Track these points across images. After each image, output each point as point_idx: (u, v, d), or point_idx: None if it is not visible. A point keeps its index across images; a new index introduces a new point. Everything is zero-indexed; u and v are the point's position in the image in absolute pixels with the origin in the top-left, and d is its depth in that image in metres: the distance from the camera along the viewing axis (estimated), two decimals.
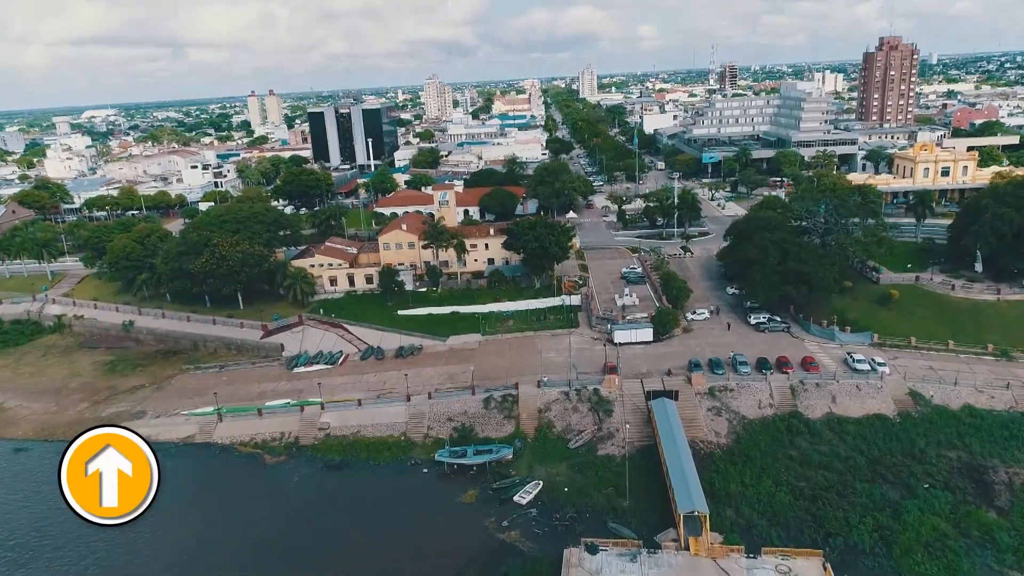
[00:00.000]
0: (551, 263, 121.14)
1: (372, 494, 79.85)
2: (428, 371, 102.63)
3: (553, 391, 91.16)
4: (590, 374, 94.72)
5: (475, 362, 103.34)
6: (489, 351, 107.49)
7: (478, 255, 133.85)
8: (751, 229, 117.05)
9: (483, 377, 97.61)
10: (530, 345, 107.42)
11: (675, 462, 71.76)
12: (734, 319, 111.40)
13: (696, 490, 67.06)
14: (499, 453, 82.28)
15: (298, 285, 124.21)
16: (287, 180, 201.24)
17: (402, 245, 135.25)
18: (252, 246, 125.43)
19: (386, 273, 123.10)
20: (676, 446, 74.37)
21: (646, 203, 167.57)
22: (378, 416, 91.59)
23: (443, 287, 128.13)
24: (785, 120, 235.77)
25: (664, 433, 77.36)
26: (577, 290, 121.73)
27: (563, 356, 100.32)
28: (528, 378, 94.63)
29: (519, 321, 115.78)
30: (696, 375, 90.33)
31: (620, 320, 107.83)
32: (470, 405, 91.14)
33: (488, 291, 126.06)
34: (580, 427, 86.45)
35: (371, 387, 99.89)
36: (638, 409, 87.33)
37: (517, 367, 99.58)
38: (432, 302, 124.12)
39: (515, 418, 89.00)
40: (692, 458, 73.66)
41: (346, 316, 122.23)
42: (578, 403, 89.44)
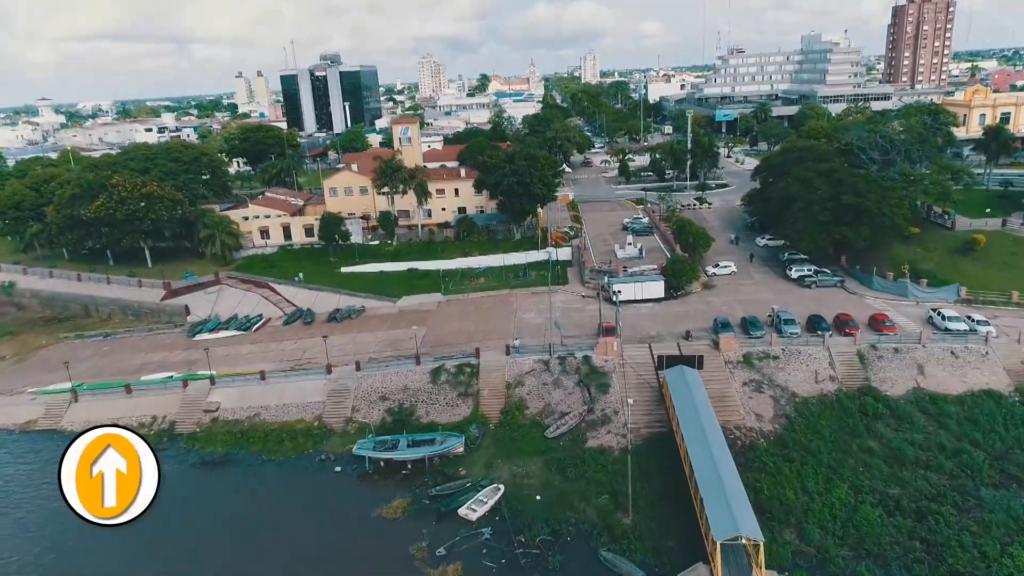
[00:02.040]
0: (534, 206, 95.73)
1: (251, 506, 54.59)
2: (366, 337, 77.51)
3: (527, 359, 65.91)
4: (580, 338, 69.46)
5: (429, 325, 78.16)
6: (449, 313, 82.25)
7: (446, 203, 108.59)
8: (789, 162, 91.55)
9: (436, 343, 72.45)
10: (503, 305, 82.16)
11: (704, 459, 46.57)
12: (768, 274, 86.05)
13: (740, 503, 41.89)
14: (445, 445, 57.15)
15: (218, 237, 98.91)
16: (241, 137, 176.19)
17: (352, 190, 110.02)
18: (162, 188, 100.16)
19: (328, 222, 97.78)
20: (704, 434, 49.09)
21: (653, 155, 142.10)
22: (287, 394, 66.40)
23: (401, 240, 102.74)
24: (808, 75, 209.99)
25: (685, 415, 52.02)
26: (567, 242, 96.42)
27: (544, 317, 75.10)
28: (495, 343, 69.44)
29: (493, 278, 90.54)
30: (726, 337, 64.96)
31: (621, 273, 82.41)
32: (412, 379, 65.90)
33: (456, 244, 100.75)
34: (563, 408, 61.23)
35: (287, 357, 74.79)
36: (645, 384, 61.99)
37: (483, 331, 74.35)
38: (385, 257, 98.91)
39: (473, 396, 63.80)
40: (729, 452, 48.38)
41: (277, 274, 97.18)
42: (561, 375, 64.14)
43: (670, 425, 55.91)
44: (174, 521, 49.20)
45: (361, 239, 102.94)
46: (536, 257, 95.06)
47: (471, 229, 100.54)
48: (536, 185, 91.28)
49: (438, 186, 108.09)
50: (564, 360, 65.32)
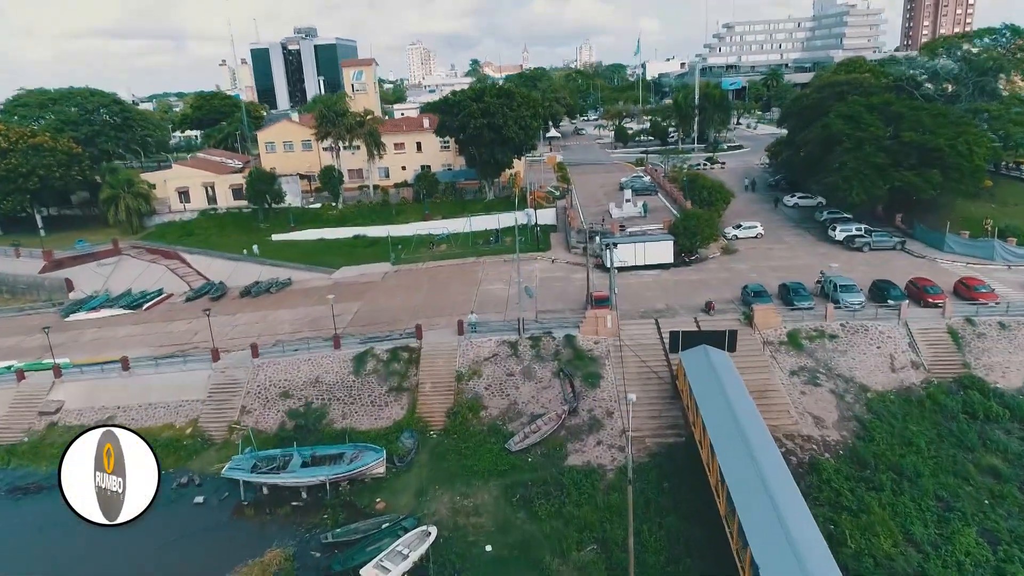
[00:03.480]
0: (509, 157, 77.11)
1: (65, 554, 35.92)
2: (283, 315, 59.05)
3: (487, 340, 47.53)
4: (562, 313, 51.20)
5: (367, 299, 59.79)
6: (395, 285, 63.80)
7: (407, 160, 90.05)
8: (827, 99, 73.20)
9: (371, 321, 54.08)
10: (465, 275, 63.76)
11: (749, 485, 28.37)
12: (802, 237, 67.93)
13: (817, 562, 23.69)
14: (358, 463, 38.73)
15: (122, 198, 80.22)
16: (196, 106, 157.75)
17: (293, 145, 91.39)
18: (55, 141, 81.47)
19: (256, 180, 79.12)
20: (747, 446, 30.77)
21: (653, 118, 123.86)
22: (155, 389, 47.91)
23: (348, 203, 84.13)
24: (823, 42, 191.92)
25: (715, 417, 33.62)
26: (551, 202, 78.00)
27: (515, 289, 56.76)
28: (446, 320, 51.11)
29: (457, 245, 72.22)
30: (763, 309, 46.71)
31: (617, 233, 64.06)
32: (328, 368, 47.44)
33: (414, 206, 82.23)
34: (535, 408, 42.91)
35: (174, 340, 56.26)
36: (651, 373, 43.67)
37: (434, 306, 55.97)
38: (328, 222, 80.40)
39: (409, 392, 45.40)
40: (791, 475, 30.06)
41: (195, 243, 78.66)
42: (534, 362, 45.76)
43: (689, 433, 37.67)
44: None
45: (300, 202, 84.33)
46: (512, 220, 76.58)
47: (433, 188, 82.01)
48: (511, 128, 72.73)
49: (396, 139, 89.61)
50: (538, 341, 46.97)
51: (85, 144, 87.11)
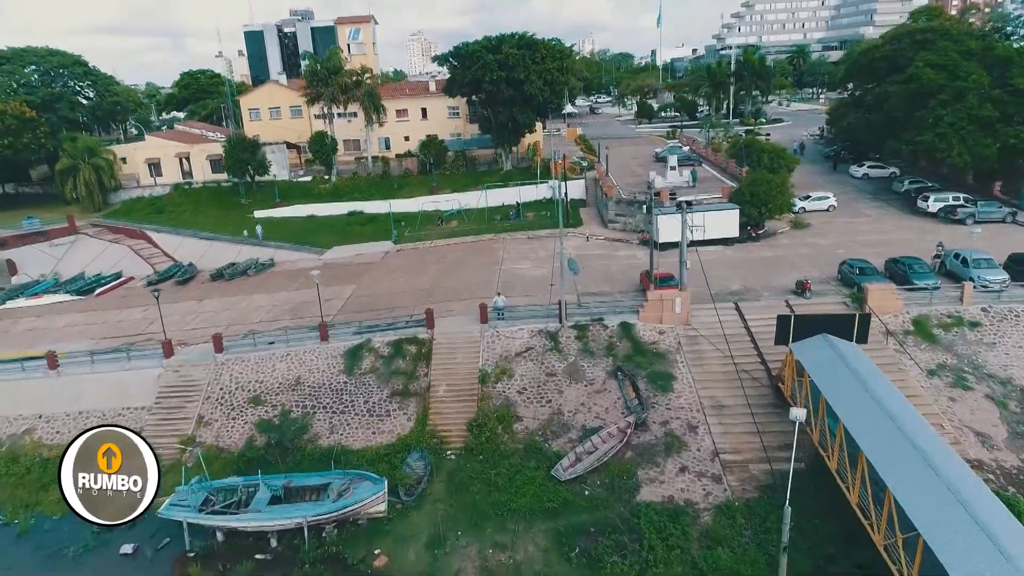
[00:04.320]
0: (531, 118, 65.98)
1: None
2: (259, 300, 48.12)
3: (519, 329, 36.58)
4: (610, 297, 40.34)
5: (363, 282, 48.89)
6: (398, 265, 52.89)
7: (410, 129, 79.03)
8: (907, 48, 61.98)
9: (367, 307, 43.16)
10: (482, 254, 52.86)
11: (948, 521, 17.36)
12: (882, 210, 57.02)
13: None
14: (348, 500, 27.67)
15: (81, 170, 69.24)
16: (182, 85, 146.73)
17: (280, 112, 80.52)
18: (3, 102, 70.50)
19: (236, 148, 68.08)
20: (930, 467, 19.80)
21: (677, 92, 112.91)
22: (88, 393, 37.00)
23: (343, 176, 73.08)
24: (849, 20, 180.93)
25: (866, 428, 22.56)
26: (580, 173, 66.97)
27: (547, 269, 45.92)
28: (463, 306, 40.26)
29: (471, 222, 61.34)
30: (878, 288, 35.71)
31: (667, 202, 53.12)
32: (312, 365, 36.49)
33: (420, 179, 71.26)
34: (587, 419, 31.97)
35: (124, 331, 45.35)
36: (743, 372, 32.65)
37: (445, 288, 45.08)
38: (319, 197, 69.43)
39: (418, 397, 34.44)
40: (1000, 502, 19.15)
41: (165, 220, 67.77)
42: (581, 358, 34.85)
43: (813, 454, 26.79)
44: None
45: (287, 174, 73.34)
46: (533, 194, 65.84)
47: (441, 158, 70.93)
48: (534, 83, 61.63)
49: (398, 105, 78.59)
50: (585, 331, 36.04)
51: (42, 110, 76.00)
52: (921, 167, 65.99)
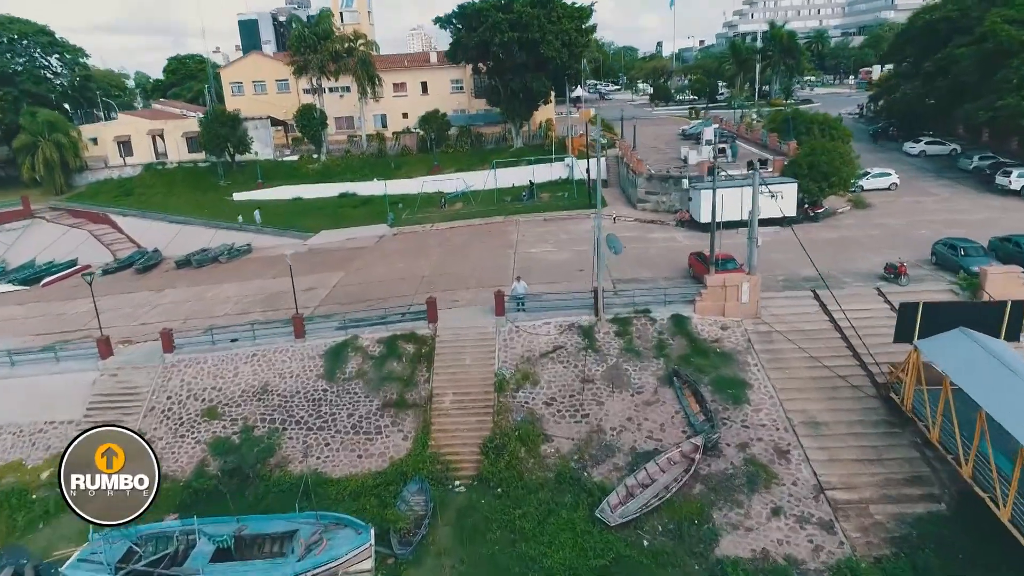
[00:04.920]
0: (545, 87, 58.31)
1: None
2: (227, 290, 40.64)
3: (544, 323, 29.07)
4: (651, 284, 32.84)
5: (352, 269, 41.40)
6: (394, 250, 45.43)
7: (409, 105, 71.44)
8: (969, 8, 54.45)
9: (357, 297, 35.59)
10: (492, 238, 45.40)
11: None
12: (951, 187, 49.58)
13: None
14: (322, 556, 20.01)
15: (42, 148, 61.77)
16: (168, 70, 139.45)
17: (265, 86, 73.04)
18: None
19: (214, 122, 60.58)
20: None
21: (693, 76, 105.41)
22: (1, 403, 29.33)
23: (334, 155, 65.53)
24: (868, 5, 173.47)
25: None
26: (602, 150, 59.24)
27: (571, 251, 38.58)
28: (472, 294, 32.82)
29: (476, 202, 54.04)
30: (998, 271, 28.13)
31: (708, 177, 45.60)
32: (283, 368, 28.96)
33: (419, 157, 63.77)
34: (638, 439, 24.37)
35: (64, 326, 37.75)
36: (833, 378, 25.10)
37: (451, 275, 37.61)
38: (307, 177, 62.08)
39: (416, 410, 26.87)
40: None
41: (134, 203, 60.41)
42: (625, 359, 27.32)
43: (955, 491, 19.33)
44: None
45: (272, 153, 65.89)
46: (548, 174, 58.47)
47: (443, 133, 63.36)
48: (551, 44, 54.03)
49: (396, 78, 71.10)
50: (627, 325, 28.57)
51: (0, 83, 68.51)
52: (984, 142, 58.53)
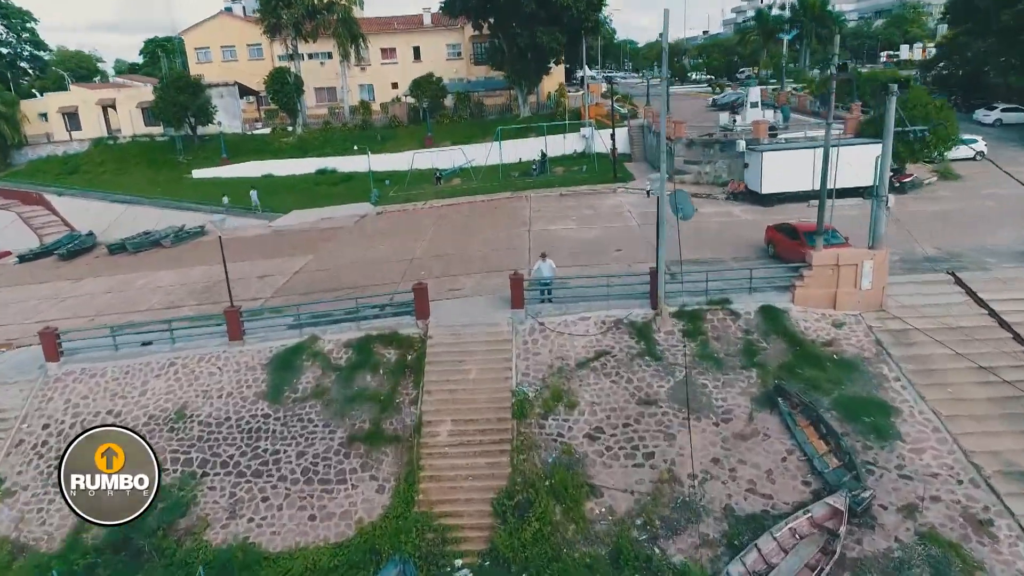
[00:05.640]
0: (560, 42, 49.57)
1: None
2: (164, 279, 31.90)
3: (579, 319, 20.54)
4: (718, 266, 24.26)
5: (324, 252, 32.79)
6: (377, 230, 36.84)
7: (399, 74, 62.68)
8: None
9: (327, 285, 26.87)
10: (499, 215, 36.82)
11: None
12: None
13: None
14: None
15: None
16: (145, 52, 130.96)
17: (235, 51, 64.38)
18: None
19: (172, 89, 51.96)
20: None
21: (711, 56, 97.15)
22: None
23: (311, 128, 56.90)
24: None
25: None
26: (624, 120, 50.90)
27: (598, 227, 30.06)
28: (473, 281, 24.19)
29: (478, 178, 45.60)
30: None
31: (765, 139, 37.17)
32: (210, 384, 20.31)
33: (410, 129, 55.16)
34: (733, 495, 15.78)
35: None
36: (1011, 400, 16.50)
37: (448, 258, 28.99)
38: (281, 152, 53.56)
39: (397, 444, 18.23)
40: None
41: (79, 182, 51.81)
42: (700, 370, 18.74)
43: None
44: None
45: (241, 126, 57.26)
46: (561, 147, 50.04)
47: (438, 101, 54.71)
48: None
49: (384, 43, 62.49)
50: (698, 321, 20.09)
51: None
52: None
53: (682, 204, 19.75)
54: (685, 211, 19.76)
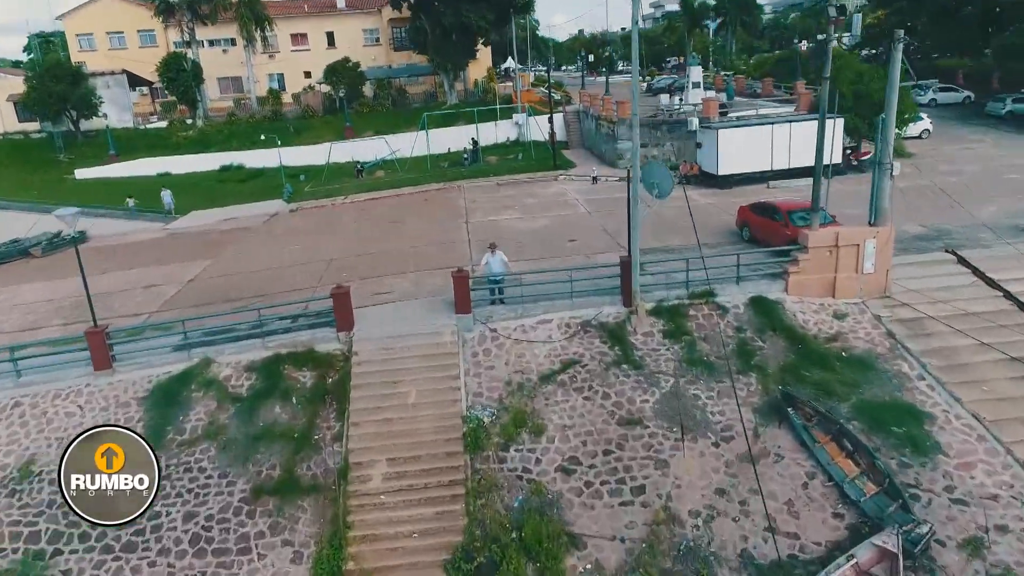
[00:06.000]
0: (488, 20, 45.74)
1: None
2: (28, 293, 26.46)
3: (540, 323, 16.88)
4: (686, 254, 20.90)
5: (225, 255, 27.90)
6: (288, 230, 32.11)
7: (313, 61, 57.34)
8: None
9: (225, 295, 22.12)
10: (431, 208, 32.79)
11: None
12: (991, 134, 40.62)
13: None
14: None
15: None
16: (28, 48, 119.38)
17: (125, 38, 57.66)
18: None
19: (47, 79, 45.42)
20: None
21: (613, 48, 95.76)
22: None
23: (214, 121, 51.23)
24: None
25: None
26: (559, 107, 47.62)
27: (544, 217, 26.58)
28: (411, 282, 20.12)
29: (404, 170, 41.42)
30: None
31: (715, 117, 34.37)
32: (65, 426, 15.59)
33: (326, 120, 50.32)
34: (748, 536, 12.52)
35: None
36: None
37: (374, 258, 24.68)
38: (179, 148, 47.73)
39: (315, 499, 14.05)
40: None
41: None
42: (689, 377, 15.36)
43: None
44: None
45: (132, 119, 51.06)
46: (492, 135, 46.44)
47: (356, 88, 50.11)
48: None
49: (295, 28, 57.25)
50: (680, 317, 16.76)
51: None
52: (996, 88, 50.40)
53: (659, 178, 16.38)
54: (662, 187, 16.40)
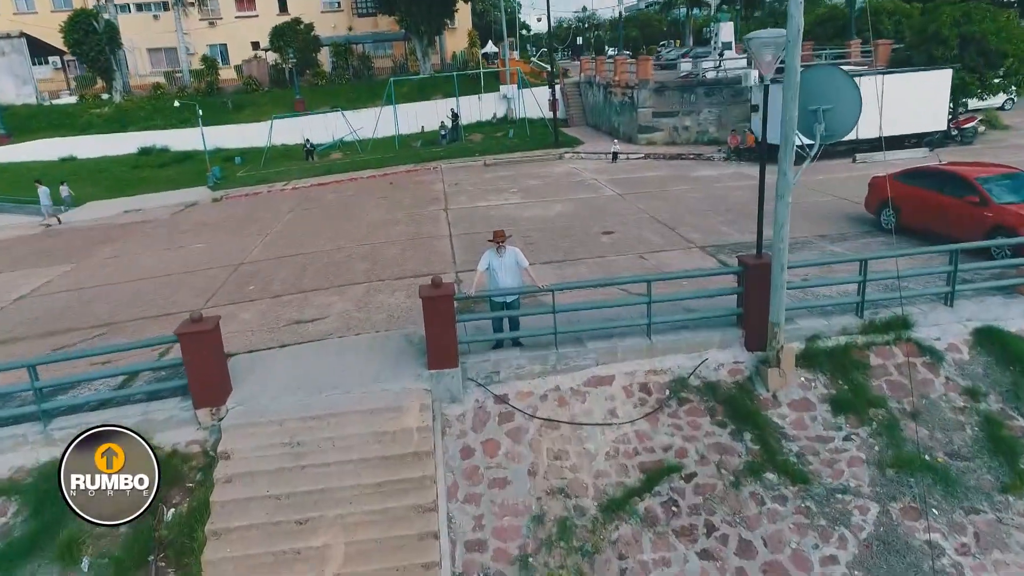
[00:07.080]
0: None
1: None
2: None
3: (597, 382, 8.45)
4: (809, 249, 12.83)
5: (95, 261, 19.19)
6: (200, 223, 23.43)
7: (260, 28, 48.30)
8: None
9: (51, 327, 13.45)
10: (400, 191, 24.26)
11: None
12: None
13: None
14: None
15: None
16: None
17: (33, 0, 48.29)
18: None
19: None
20: None
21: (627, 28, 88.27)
22: None
23: (136, 95, 42.20)
24: None
25: None
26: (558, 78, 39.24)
27: (558, 198, 18.31)
28: (352, 301, 11.65)
29: (367, 151, 33.00)
30: None
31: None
32: None
33: (273, 92, 41.54)
34: None
35: None
36: None
37: (306, 263, 16.12)
38: (92, 127, 38.70)
39: None
40: None
41: None
42: (885, 487, 7.07)
43: None
44: None
45: (35, 94, 41.93)
46: (476, 110, 38.24)
47: (310, 55, 41.43)
48: None
49: None
50: (856, 368, 8.49)
51: None
52: None
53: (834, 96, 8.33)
54: (844, 118, 8.35)
